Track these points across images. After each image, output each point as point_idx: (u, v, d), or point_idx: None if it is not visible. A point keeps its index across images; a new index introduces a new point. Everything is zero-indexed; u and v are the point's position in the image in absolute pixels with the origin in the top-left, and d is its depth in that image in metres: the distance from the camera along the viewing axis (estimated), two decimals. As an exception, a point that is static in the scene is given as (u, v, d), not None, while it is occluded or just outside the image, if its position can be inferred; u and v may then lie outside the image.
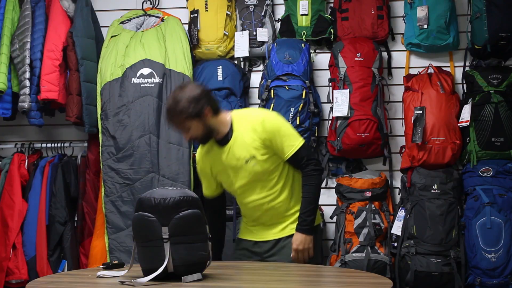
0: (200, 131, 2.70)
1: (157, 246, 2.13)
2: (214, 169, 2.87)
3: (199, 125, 2.68)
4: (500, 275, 3.46)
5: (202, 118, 2.67)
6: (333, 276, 2.50)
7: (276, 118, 2.82)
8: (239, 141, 2.75)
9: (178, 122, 2.68)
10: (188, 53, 3.84)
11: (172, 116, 2.68)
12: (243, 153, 2.74)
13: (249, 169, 2.74)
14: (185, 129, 2.68)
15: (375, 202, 3.66)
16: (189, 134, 2.69)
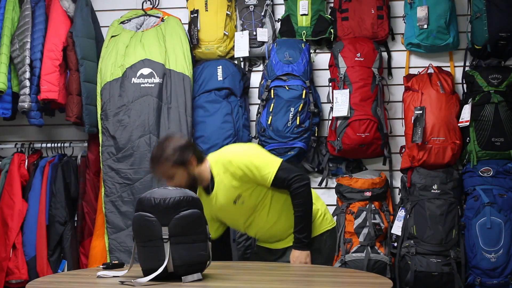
0: (184, 180, 2.69)
1: (157, 246, 2.13)
2: (213, 213, 2.85)
3: (183, 173, 2.68)
4: (500, 275, 3.46)
5: (187, 166, 2.69)
6: (333, 276, 2.50)
7: (245, 153, 2.77)
8: (221, 186, 2.74)
9: (163, 170, 2.68)
10: (188, 53, 3.84)
11: (157, 164, 2.68)
12: (229, 196, 2.73)
13: (239, 207, 2.75)
14: (170, 177, 2.68)
15: (375, 202, 3.66)
16: (173, 182, 2.68)
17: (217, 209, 2.80)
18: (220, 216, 2.87)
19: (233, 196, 2.72)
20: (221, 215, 2.86)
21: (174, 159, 2.66)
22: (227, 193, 2.73)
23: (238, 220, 2.83)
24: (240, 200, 2.73)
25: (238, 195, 2.72)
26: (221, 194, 2.74)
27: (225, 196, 2.73)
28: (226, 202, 2.74)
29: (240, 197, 2.72)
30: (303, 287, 2.19)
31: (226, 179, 2.71)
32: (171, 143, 2.71)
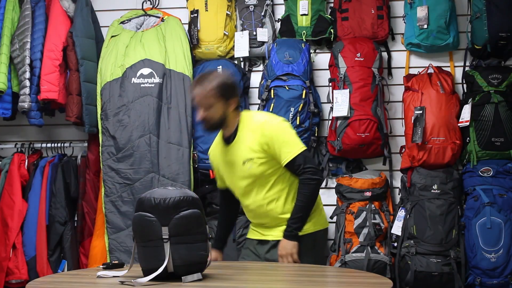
0: (217, 116, 2.70)
1: (157, 246, 2.13)
2: (220, 168, 2.89)
3: (220, 109, 2.69)
4: (500, 275, 3.46)
5: (226, 104, 2.70)
6: (333, 276, 2.50)
7: (278, 124, 2.79)
8: (241, 142, 2.75)
9: (206, 95, 2.66)
10: (188, 53, 3.84)
11: (205, 85, 2.67)
12: (242, 154, 2.74)
13: (245, 170, 2.75)
14: (208, 105, 2.67)
15: (375, 202, 3.66)
16: (207, 112, 2.68)
17: (225, 163, 2.79)
18: (224, 172, 2.83)
19: (245, 157, 2.72)
20: (226, 171, 2.83)
21: (222, 89, 2.67)
22: (242, 151, 2.73)
23: (238, 182, 2.80)
24: (249, 164, 2.72)
25: (250, 158, 2.72)
26: (236, 149, 2.75)
27: (239, 153, 2.74)
28: (236, 159, 2.75)
29: (251, 161, 2.72)
30: (303, 287, 2.19)
31: (248, 138, 2.72)
32: (226, 76, 2.73)
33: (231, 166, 2.79)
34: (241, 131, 2.76)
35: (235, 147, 2.77)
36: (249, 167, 2.73)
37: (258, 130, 2.71)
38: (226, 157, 2.80)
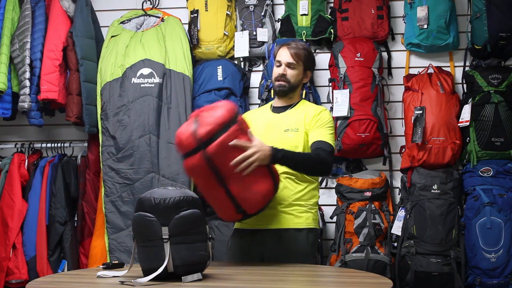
0: (294, 80, 2.82)
1: (157, 246, 2.13)
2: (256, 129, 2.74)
3: (299, 74, 2.83)
4: (500, 275, 3.46)
5: (304, 74, 2.85)
6: (333, 276, 2.50)
7: (332, 118, 2.88)
8: (293, 114, 2.82)
9: (297, 54, 2.80)
10: (188, 53, 3.84)
11: (297, 46, 2.82)
12: (289, 123, 2.78)
13: (283, 137, 2.74)
14: (292, 64, 2.80)
15: (375, 202, 3.66)
16: (289, 72, 2.80)
17: (265, 125, 2.80)
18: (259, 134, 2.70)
19: (291, 126, 2.77)
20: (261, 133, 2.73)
21: (307, 57, 2.84)
22: (290, 121, 2.79)
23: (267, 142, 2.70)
24: (291, 133, 2.75)
25: (296, 128, 2.76)
26: (286, 118, 2.81)
27: (286, 121, 2.79)
28: (280, 125, 2.78)
29: (295, 131, 2.75)
30: (303, 287, 2.19)
31: (302, 113, 2.80)
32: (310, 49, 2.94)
33: (270, 130, 2.79)
34: (299, 107, 2.86)
35: (285, 116, 2.81)
36: (290, 135, 2.75)
37: (316, 110, 2.83)
38: (270, 121, 2.82)
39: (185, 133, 2.36)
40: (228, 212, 2.53)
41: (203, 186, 2.49)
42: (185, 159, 2.39)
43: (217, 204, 2.54)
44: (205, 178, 2.42)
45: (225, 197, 2.44)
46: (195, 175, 2.46)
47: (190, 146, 2.34)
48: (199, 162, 2.35)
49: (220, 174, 2.39)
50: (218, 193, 2.45)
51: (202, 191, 2.51)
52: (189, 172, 2.46)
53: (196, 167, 2.37)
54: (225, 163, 2.38)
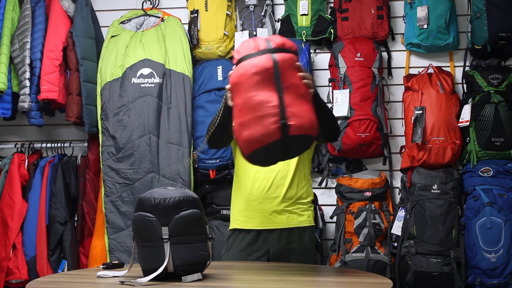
0: None
1: (157, 246, 2.13)
2: None
3: None
4: (500, 275, 3.46)
5: None
6: (333, 276, 2.50)
7: None
8: None
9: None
10: (188, 53, 3.85)
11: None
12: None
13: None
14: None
15: (375, 202, 3.66)
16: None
17: None
18: None
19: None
20: None
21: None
22: None
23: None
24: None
25: None
26: None
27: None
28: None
29: None
30: (303, 287, 2.19)
31: None
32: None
33: None
34: None
35: None
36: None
37: None
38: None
39: (255, 39, 2.33)
40: (266, 122, 2.24)
41: (247, 89, 2.27)
42: (246, 59, 2.28)
43: (255, 113, 2.25)
44: (259, 81, 2.25)
45: (276, 103, 2.23)
46: (248, 76, 2.26)
47: (258, 47, 2.28)
48: (264, 62, 2.25)
49: (280, 81, 2.25)
50: (266, 99, 2.24)
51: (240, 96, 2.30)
52: (242, 71, 2.28)
53: (257, 66, 2.24)
54: (286, 74, 2.28)
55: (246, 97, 2.27)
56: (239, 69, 2.30)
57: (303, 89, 2.31)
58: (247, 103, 2.27)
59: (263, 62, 2.25)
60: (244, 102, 2.28)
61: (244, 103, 2.28)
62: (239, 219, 2.84)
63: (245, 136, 2.28)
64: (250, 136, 2.27)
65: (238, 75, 2.29)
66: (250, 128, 2.26)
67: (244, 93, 2.28)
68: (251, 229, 2.78)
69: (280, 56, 2.26)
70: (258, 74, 2.25)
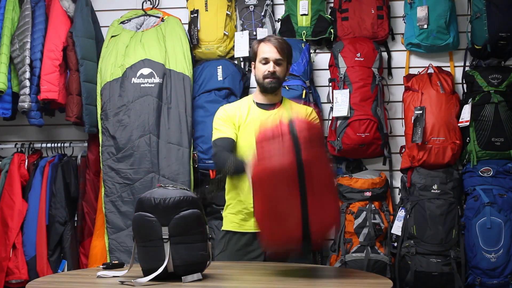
0: (282, 75, 2.85)
1: (157, 246, 2.13)
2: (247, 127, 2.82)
3: (285, 69, 2.86)
4: (500, 275, 3.46)
5: (287, 68, 2.87)
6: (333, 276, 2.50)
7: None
8: (287, 111, 2.84)
9: (283, 48, 2.82)
10: (188, 53, 3.84)
11: (281, 41, 2.85)
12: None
13: None
14: (278, 60, 2.82)
15: (375, 202, 3.66)
16: (278, 68, 2.82)
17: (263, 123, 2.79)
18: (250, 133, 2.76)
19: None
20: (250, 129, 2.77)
21: (290, 52, 2.88)
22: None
23: None
24: None
25: None
26: (280, 115, 2.79)
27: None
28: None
29: None
30: (303, 287, 2.19)
31: (296, 112, 2.84)
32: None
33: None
34: (286, 105, 2.89)
35: (277, 115, 2.81)
36: None
37: (306, 110, 2.89)
38: (265, 118, 2.78)
39: (280, 126, 2.23)
40: (288, 227, 2.22)
41: (269, 187, 2.22)
42: (270, 152, 2.21)
43: (277, 216, 2.24)
44: (282, 181, 2.20)
45: (298, 208, 2.19)
46: (270, 174, 2.20)
47: (283, 141, 2.20)
48: (289, 162, 2.17)
49: (303, 179, 2.19)
50: (288, 202, 2.21)
51: (264, 201, 2.25)
52: (265, 168, 2.21)
53: (281, 166, 2.18)
54: (311, 170, 2.20)
55: (268, 195, 2.23)
56: (261, 168, 2.23)
57: (327, 179, 2.28)
58: (269, 203, 2.23)
59: (288, 162, 2.17)
60: (266, 201, 2.24)
61: (266, 201, 2.24)
62: (234, 221, 2.85)
63: (267, 234, 2.29)
64: (272, 235, 2.27)
65: (261, 175, 2.23)
66: (273, 227, 2.25)
67: (267, 190, 2.23)
68: (246, 232, 2.79)
69: (306, 152, 2.18)
70: (282, 178, 2.19)
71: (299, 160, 2.17)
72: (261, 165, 2.22)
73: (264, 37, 2.93)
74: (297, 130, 2.20)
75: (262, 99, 2.89)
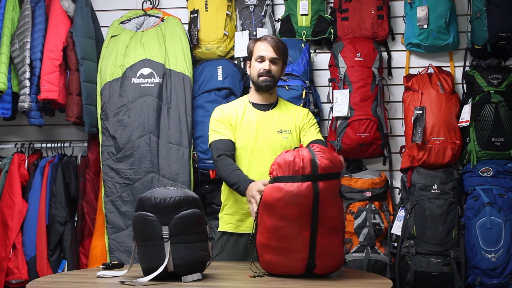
0: (278, 75, 2.88)
1: (157, 245, 2.13)
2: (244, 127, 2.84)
3: (280, 68, 2.88)
4: (500, 275, 3.46)
5: (282, 68, 2.89)
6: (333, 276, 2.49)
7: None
8: (284, 112, 2.88)
9: (280, 48, 2.84)
10: (188, 53, 3.85)
11: (277, 41, 2.87)
12: (283, 124, 2.84)
13: (277, 138, 2.81)
14: (274, 59, 2.84)
15: (375, 202, 3.66)
16: (274, 67, 2.84)
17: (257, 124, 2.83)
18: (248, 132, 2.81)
19: (284, 127, 2.84)
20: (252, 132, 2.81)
21: (286, 52, 2.90)
22: (284, 122, 2.85)
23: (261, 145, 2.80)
24: (285, 135, 2.82)
25: (289, 130, 2.84)
26: (277, 117, 2.85)
27: (281, 121, 2.84)
28: (274, 126, 2.83)
29: (288, 133, 2.83)
30: (304, 287, 2.19)
31: (293, 114, 2.88)
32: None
33: (262, 130, 2.83)
34: (283, 106, 2.92)
35: (274, 115, 2.86)
36: (283, 137, 2.81)
37: (302, 113, 2.91)
38: (259, 119, 2.85)
39: (301, 155, 2.16)
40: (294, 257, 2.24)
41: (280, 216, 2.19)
42: (287, 181, 2.16)
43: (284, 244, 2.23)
44: (295, 212, 2.16)
45: (307, 241, 2.19)
46: (284, 203, 2.16)
47: (302, 169, 2.13)
48: (305, 194, 2.13)
49: (316, 214, 2.17)
50: (298, 234, 2.19)
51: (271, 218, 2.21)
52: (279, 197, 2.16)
53: (296, 197, 2.13)
54: (325, 206, 2.17)
55: (277, 224, 2.20)
56: (275, 191, 2.17)
57: (337, 221, 2.26)
58: (278, 230, 2.20)
59: (304, 194, 2.13)
60: (275, 228, 2.21)
61: (274, 229, 2.21)
62: (230, 222, 2.86)
63: (268, 259, 2.27)
64: (273, 262, 2.27)
65: (274, 198, 2.17)
66: (276, 255, 2.24)
67: (276, 219, 2.19)
68: (243, 233, 2.80)
69: (324, 185, 2.14)
70: (296, 206, 2.15)
71: (316, 194, 2.14)
72: (276, 191, 2.17)
73: (261, 37, 2.95)
74: (319, 167, 2.14)
75: (258, 99, 2.90)
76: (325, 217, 2.19)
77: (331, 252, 2.25)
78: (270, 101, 2.91)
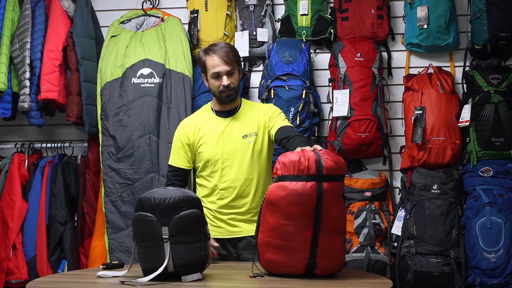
0: (238, 82, 2.86)
1: (157, 246, 2.14)
2: (208, 139, 2.86)
3: (237, 76, 2.86)
4: (500, 275, 3.46)
5: (239, 73, 2.87)
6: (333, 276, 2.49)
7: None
8: (247, 115, 2.87)
9: (230, 56, 2.80)
10: (188, 53, 3.85)
11: (226, 48, 2.82)
12: (247, 127, 2.84)
13: (242, 143, 2.81)
14: (230, 71, 2.81)
15: (375, 202, 3.66)
16: (231, 78, 2.81)
17: (220, 133, 2.83)
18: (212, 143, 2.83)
19: (248, 131, 2.83)
20: (217, 142, 2.83)
21: (237, 56, 2.87)
22: (246, 125, 2.84)
23: (231, 154, 2.82)
24: (250, 138, 2.81)
25: (254, 132, 2.83)
26: (239, 122, 2.85)
27: (241, 126, 2.84)
28: (237, 131, 2.83)
29: (254, 136, 2.82)
30: (303, 287, 2.19)
31: (255, 115, 2.86)
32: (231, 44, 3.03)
33: (226, 137, 2.84)
34: (245, 108, 2.91)
35: (236, 120, 2.86)
36: (250, 141, 2.81)
37: (266, 108, 2.90)
38: (222, 127, 2.85)
39: (307, 156, 2.17)
40: (295, 256, 2.25)
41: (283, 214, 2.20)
42: (291, 180, 2.17)
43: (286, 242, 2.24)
44: (298, 211, 2.18)
45: (309, 241, 2.21)
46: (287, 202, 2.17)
47: (307, 169, 2.14)
48: (309, 194, 2.14)
49: (320, 214, 2.18)
50: (300, 233, 2.21)
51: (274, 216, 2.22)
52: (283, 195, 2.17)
53: (300, 196, 2.14)
54: (328, 207, 2.19)
55: (280, 222, 2.21)
56: (280, 190, 2.18)
57: (340, 223, 2.28)
58: (280, 229, 2.21)
59: (308, 193, 2.14)
60: (277, 226, 2.22)
61: (277, 227, 2.22)
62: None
63: (270, 258, 2.28)
64: (274, 260, 2.28)
65: (278, 197, 2.18)
66: (277, 253, 2.25)
67: (279, 217, 2.20)
68: (220, 238, 2.83)
69: (328, 186, 2.15)
70: (299, 205, 2.16)
71: (320, 194, 2.15)
72: (280, 190, 2.18)
73: (209, 47, 2.89)
74: (324, 168, 2.15)
75: (220, 107, 2.91)
76: (328, 218, 2.20)
77: (332, 253, 2.27)
78: (233, 106, 2.91)
